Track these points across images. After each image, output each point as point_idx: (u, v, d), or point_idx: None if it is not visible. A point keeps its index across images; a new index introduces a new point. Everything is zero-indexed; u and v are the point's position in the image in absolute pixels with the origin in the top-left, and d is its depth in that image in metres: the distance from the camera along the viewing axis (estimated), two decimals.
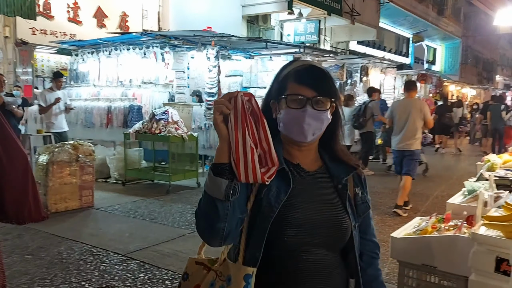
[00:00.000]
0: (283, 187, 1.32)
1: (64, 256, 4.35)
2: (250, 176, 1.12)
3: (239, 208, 1.26)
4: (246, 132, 1.10)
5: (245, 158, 1.10)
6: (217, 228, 1.22)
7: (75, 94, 9.63)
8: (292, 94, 1.34)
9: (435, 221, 2.88)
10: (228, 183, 1.15)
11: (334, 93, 1.38)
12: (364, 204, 1.45)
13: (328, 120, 1.37)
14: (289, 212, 1.30)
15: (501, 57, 35.45)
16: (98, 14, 11.76)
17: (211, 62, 7.70)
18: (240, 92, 1.13)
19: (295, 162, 1.40)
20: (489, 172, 3.68)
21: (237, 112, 1.10)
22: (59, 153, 5.80)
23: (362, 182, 1.48)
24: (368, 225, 1.49)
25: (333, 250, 1.37)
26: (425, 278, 2.61)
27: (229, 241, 1.28)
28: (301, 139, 1.35)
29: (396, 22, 21.58)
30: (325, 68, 1.43)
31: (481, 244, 2.23)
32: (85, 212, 5.99)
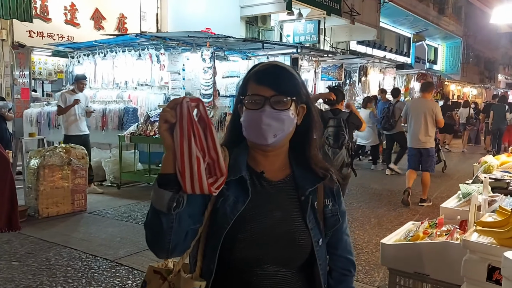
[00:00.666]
0: (241, 197, 1.25)
1: (52, 262, 4.26)
2: (196, 187, 1.05)
3: (192, 219, 1.20)
4: (192, 141, 1.03)
5: (191, 168, 1.03)
6: (162, 241, 1.15)
7: None
8: (250, 95, 1.27)
9: (427, 226, 2.78)
10: (171, 195, 1.08)
11: (297, 92, 1.29)
12: (334, 217, 1.35)
13: (291, 120, 1.27)
14: (243, 224, 1.23)
15: (503, 56, 35.24)
16: (96, 16, 11.68)
17: (206, 63, 7.61)
18: (186, 98, 1.06)
19: (259, 170, 1.31)
20: (485, 174, 3.58)
21: (182, 119, 1.03)
22: (50, 156, 5.71)
23: (333, 193, 1.37)
24: (339, 240, 1.39)
25: (290, 266, 1.28)
26: (417, 286, 2.50)
27: (177, 253, 1.22)
28: (261, 141, 1.26)
29: (396, 21, 21.48)
30: (291, 68, 1.35)
31: (473, 251, 2.12)
32: (77, 216, 5.90)
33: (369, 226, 5.64)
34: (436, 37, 26.26)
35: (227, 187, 1.23)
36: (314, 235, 1.27)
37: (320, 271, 1.29)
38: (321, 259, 1.30)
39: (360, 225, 5.64)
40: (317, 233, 1.28)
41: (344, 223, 1.39)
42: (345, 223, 1.40)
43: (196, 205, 1.21)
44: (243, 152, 1.32)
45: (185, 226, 1.17)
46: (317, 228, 1.29)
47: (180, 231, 1.16)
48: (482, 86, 29.07)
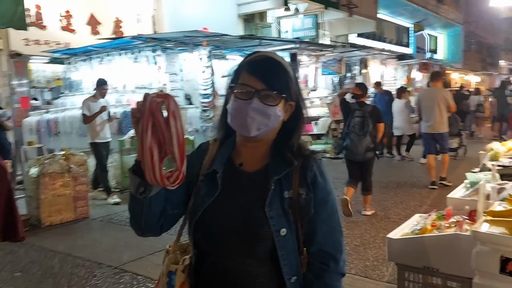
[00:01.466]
0: (211, 190, 1.30)
1: (56, 270, 4.20)
2: (151, 177, 1.13)
3: (170, 204, 1.31)
4: (149, 133, 1.10)
5: (146, 159, 1.12)
6: (135, 221, 1.31)
7: (70, 103, 9.49)
8: (241, 84, 1.27)
9: (435, 218, 2.69)
10: (139, 181, 1.19)
11: (288, 89, 1.29)
12: (307, 206, 1.30)
13: (277, 116, 1.28)
14: (210, 216, 1.28)
15: (505, 41, 34.89)
16: (91, 21, 11.62)
17: (203, 63, 7.54)
18: (151, 94, 1.12)
19: (238, 161, 1.35)
20: (492, 162, 3.48)
21: (143, 114, 1.10)
22: (50, 164, 5.66)
23: (307, 182, 1.30)
24: (315, 232, 1.31)
25: (255, 256, 1.27)
26: (427, 281, 2.41)
27: (151, 234, 1.36)
28: (244, 132, 1.28)
29: (395, 12, 21.30)
30: (286, 62, 1.33)
31: (483, 243, 2.03)
32: (81, 223, 5.84)
33: (376, 219, 5.55)
34: (436, 26, 26.02)
35: (203, 180, 1.33)
36: (275, 225, 1.25)
37: (282, 262, 1.26)
38: (283, 250, 1.26)
39: (367, 219, 5.55)
40: (280, 223, 1.25)
41: (324, 213, 1.31)
42: (326, 213, 1.32)
43: (177, 193, 1.29)
44: (228, 146, 1.37)
45: (156, 210, 1.28)
46: (282, 218, 1.26)
47: (150, 214, 1.27)
48: (485, 73, 28.82)
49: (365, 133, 5.47)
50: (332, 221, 1.33)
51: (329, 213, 1.33)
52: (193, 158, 1.38)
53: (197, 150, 1.43)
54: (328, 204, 1.33)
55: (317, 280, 1.31)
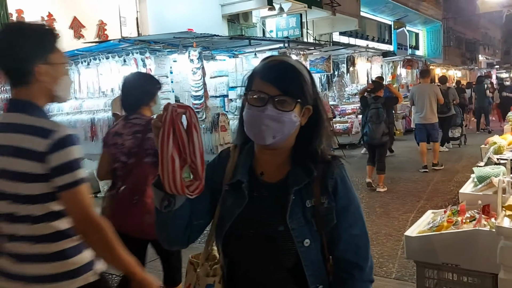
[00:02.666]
0: (238, 200, 1.29)
1: None
2: (172, 186, 1.12)
3: (195, 215, 1.30)
4: (170, 142, 1.10)
5: (167, 168, 1.10)
6: (161, 234, 1.31)
7: (57, 108, 9.30)
8: (254, 91, 1.25)
9: (449, 214, 2.68)
10: (163, 195, 1.17)
11: (303, 93, 1.25)
12: (329, 215, 1.28)
13: (292, 122, 1.25)
14: (237, 227, 1.28)
15: (483, 36, 35.56)
16: (74, 24, 11.41)
17: (194, 64, 7.44)
18: (172, 104, 1.12)
19: (259, 170, 1.33)
20: (497, 156, 3.51)
21: (165, 123, 1.11)
22: None
23: (328, 190, 1.28)
24: (338, 240, 1.29)
25: (282, 268, 1.27)
26: (447, 277, 2.40)
27: (178, 246, 1.39)
28: (260, 141, 1.26)
29: (376, 10, 21.49)
30: (299, 65, 1.29)
31: (508, 237, 2.03)
32: None
33: (376, 216, 5.56)
34: (416, 23, 26.36)
35: (228, 190, 1.32)
36: (298, 236, 1.24)
37: (307, 273, 1.25)
38: (307, 260, 1.25)
39: (366, 216, 5.48)
40: (303, 233, 1.24)
41: (345, 221, 1.29)
42: (347, 221, 1.29)
43: (201, 203, 1.31)
44: (248, 153, 1.35)
45: (181, 223, 1.28)
46: (305, 228, 1.25)
47: (175, 227, 1.28)
48: (466, 68, 29.32)
49: (380, 121, 6.61)
50: (354, 229, 1.30)
51: (351, 222, 1.30)
52: (215, 166, 1.38)
53: (218, 157, 1.42)
54: (349, 212, 1.30)
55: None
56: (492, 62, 38.26)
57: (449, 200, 6.08)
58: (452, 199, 6.12)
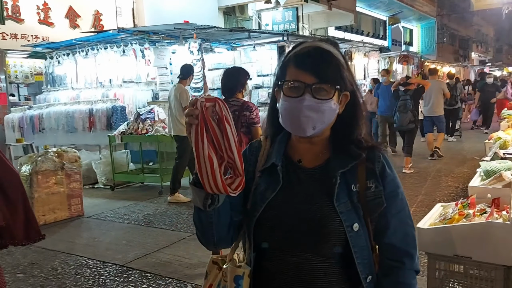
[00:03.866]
0: (272, 184, 1.24)
1: (59, 271, 4.07)
2: (213, 186, 1.06)
3: (235, 211, 1.24)
4: (205, 140, 1.04)
5: (206, 168, 1.04)
6: (206, 235, 1.22)
7: (53, 98, 9.22)
8: (289, 81, 1.19)
9: (460, 207, 2.71)
10: (205, 194, 1.10)
11: (341, 79, 1.19)
12: (377, 199, 1.22)
13: (332, 111, 1.19)
14: (273, 212, 1.22)
15: (476, 33, 35.78)
16: (70, 14, 11.28)
17: (194, 55, 7.42)
18: (201, 99, 1.06)
19: (296, 158, 1.28)
20: (503, 150, 3.55)
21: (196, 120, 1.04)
22: (42, 162, 5.47)
23: (376, 174, 1.23)
24: (386, 226, 1.24)
25: (324, 254, 1.19)
26: (458, 269, 2.43)
27: (224, 245, 1.29)
28: (299, 133, 1.21)
29: (372, 5, 21.50)
30: (334, 50, 1.23)
31: None
32: (76, 221, 5.68)
33: None
34: (410, 19, 26.41)
35: (261, 175, 1.27)
36: (346, 220, 1.17)
37: (357, 260, 1.19)
38: (357, 246, 1.18)
39: None
40: (351, 218, 1.18)
41: (394, 206, 1.24)
42: (395, 207, 1.24)
43: (238, 197, 1.20)
44: (282, 141, 1.30)
45: (225, 220, 1.21)
46: (353, 212, 1.19)
47: (220, 225, 1.20)
48: (460, 65, 29.50)
49: (407, 110, 7.52)
50: (403, 215, 1.26)
51: (399, 207, 1.25)
52: (246, 156, 1.31)
53: (249, 148, 1.36)
54: (398, 197, 1.25)
55: (390, 278, 1.23)
56: (484, 60, 38.55)
57: (447, 195, 6.14)
58: (450, 193, 6.19)
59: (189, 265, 4.06)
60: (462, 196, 5.13)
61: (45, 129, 8.14)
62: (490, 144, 3.92)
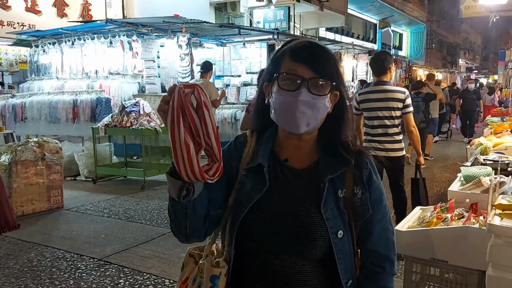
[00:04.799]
0: (258, 185, 1.20)
1: (34, 263, 4.00)
2: (189, 174, 1.04)
3: (213, 205, 1.21)
4: (181, 126, 1.01)
5: (182, 155, 1.02)
6: (179, 227, 1.19)
7: (37, 87, 9.07)
8: (286, 73, 1.15)
9: (438, 211, 2.72)
10: (180, 184, 1.08)
11: (337, 76, 1.18)
12: (363, 206, 1.22)
13: (325, 109, 1.18)
14: (258, 213, 1.19)
15: (464, 40, 36.24)
16: (58, 3, 11.14)
17: (183, 50, 7.36)
18: (179, 85, 1.04)
19: (283, 157, 1.25)
20: (483, 156, 3.58)
21: (173, 106, 1.02)
22: (22, 151, 5.37)
23: (363, 180, 1.22)
24: (370, 232, 1.24)
25: (308, 258, 1.19)
26: (434, 273, 2.44)
27: (196, 239, 1.25)
28: (293, 129, 1.17)
29: (363, 8, 21.63)
30: (327, 48, 1.21)
31: (498, 236, 2.07)
32: (55, 213, 5.60)
33: None
34: (400, 23, 26.63)
35: (247, 174, 1.23)
36: (332, 227, 1.17)
37: (339, 266, 1.19)
38: (340, 253, 1.19)
39: None
40: (336, 224, 1.17)
41: (378, 213, 1.24)
42: (379, 214, 1.25)
43: (218, 191, 1.21)
44: (269, 138, 1.26)
45: (201, 213, 1.18)
46: (338, 219, 1.18)
47: (195, 217, 1.17)
48: (447, 71, 29.84)
49: (419, 111, 8.10)
50: (385, 221, 1.27)
51: (383, 213, 1.26)
52: (231, 151, 1.28)
53: (234, 142, 1.32)
54: (382, 203, 1.26)
55: (371, 282, 1.25)
56: (471, 67, 39.06)
57: (430, 198, 6.18)
58: (431, 197, 6.23)
59: (168, 261, 4.02)
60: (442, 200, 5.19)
61: (27, 119, 8.01)
62: (472, 149, 3.96)
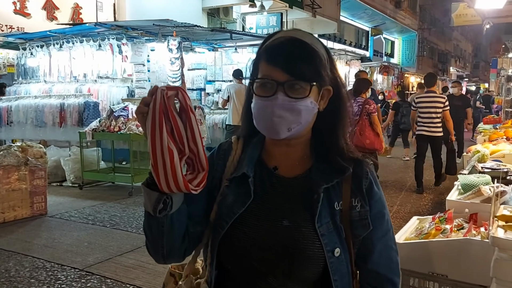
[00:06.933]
0: (240, 197, 1.07)
1: (12, 273, 3.80)
2: (171, 184, 0.92)
3: (192, 221, 1.09)
4: (164, 131, 0.90)
5: (164, 162, 0.91)
6: (155, 246, 1.06)
7: (25, 91, 8.87)
8: (259, 79, 1.05)
9: (437, 221, 2.59)
10: (157, 196, 0.97)
11: (318, 74, 1.04)
12: (363, 221, 1.08)
13: (309, 109, 1.04)
14: (238, 229, 1.06)
15: (455, 48, 36.52)
16: (48, 5, 10.93)
17: (173, 54, 7.22)
18: (162, 87, 0.94)
19: (272, 165, 1.12)
20: (481, 164, 3.47)
21: (154, 109, 0.91)
22: (4, 156, 5.18)
23: (363, 192, 1.09)
24: (371, 250, 1.10)
25: (299, 280, 1.05)
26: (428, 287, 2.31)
27: (175, 259, 1.13)
28: (272, 135, 1.06)
29: (355, 15, 21.67)
30: (312, 40, 1.06)
31: (503, 250, 1.94)
32: (38, 220, 5.39)
33: None
34: (393, 31, 26.76)
35: (230, 185, 1.11)
36: (328, 244, 1.03)
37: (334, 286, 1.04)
38: (337, 274, 1.04)
39: None
40: (332, 241, 1.04)
41: (380, 229, 1.10)
42: (380, 230, 1.11)
43: (198, 205, 1.10)
44: (257, 145, 1.15)
45: (180, 230, 1.06)
46: (334, 235, 1.04)
47: (173, 235, 1.05)
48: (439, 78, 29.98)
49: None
50: (388, 239, 1.13)
51: (385, 229, 1.12)
52: (214, 160, 1.16)
53: (217, 150, 1.19)
54: (384, 218, 1.12)
55: None
56: (462, 75, 39.33)
57: (421, 206, 6.10)
58: (425, 205, 6.14)
59: (153, 271, 3.84)
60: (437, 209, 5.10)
61: (13, 123, 7.80)
62: (468, 157, 3.85)
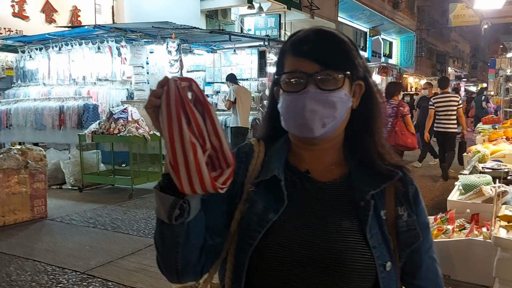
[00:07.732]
0: (273, 204, 0.95)
1: (13, 277, 3.79)
2: (196, 184, 0.80)
3: (210, 232, 0.94)
4: (184, 124, 0.79)
5: (185, 159, 0.79)
6: (168, 261, 0.91)
7: (24, 94, 8.86)
8: (288, 73, 0.95)
9: (438, 222, 2.60)
10: (172, 200, 0.83)
11: (352, 63, 0.95)
12: (411, 231, 0.98)
13: (344, 104, 0.95)
14: (272, 239, 0.93)
15: (453, 49, 36.59)
16: (47, 8, 10.93)
17: (172, 56, 7.23)
18: (174, 77, 0.83)
19: (303, 168, 1.01)
20: (482, 164, 3.47)
21: (169, 100, 0.80)
22: (4, 159, 5.17)
23: (409, 199, 0.99)
24: (418, 265, 1.00)
25: None
26: None
27: (190, 277, 0.96)
28: (306, 134, 0.95)
29: (353, 16, 21.70)
30: (339, 33, 0.98)
31: (505, 249, 1.95)
32: (38, 224, 5.38)
33: None
34: (391, 32, 26.79)
35: (257, 190, 0.97)
36: (379, 256, 0.92)
37: None
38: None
39: None
40: (383, 254, 0.93)
41: (426, 240, 1.01)
42: (427, 242, 1.01)
43: (216, 213, 0.97)
44: (282, 147, 1.03)
45: (197, 241, 0.92)
46: (384, 247, 0.94)
47: (189, 247, 0.90)
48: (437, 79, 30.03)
49: None
50: (433, 251, 1.04)
51: (431, 240, 1.04)
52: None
53: (236, 153, 1.05)
54: (429, 228, 1.04)
55: None
56: (460, 75, 39.39)
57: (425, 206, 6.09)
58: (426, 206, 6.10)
59: (155, 274, 3.83)
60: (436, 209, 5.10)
61: (13, 126, 7.80)
62: (469, 157, 3.86)
